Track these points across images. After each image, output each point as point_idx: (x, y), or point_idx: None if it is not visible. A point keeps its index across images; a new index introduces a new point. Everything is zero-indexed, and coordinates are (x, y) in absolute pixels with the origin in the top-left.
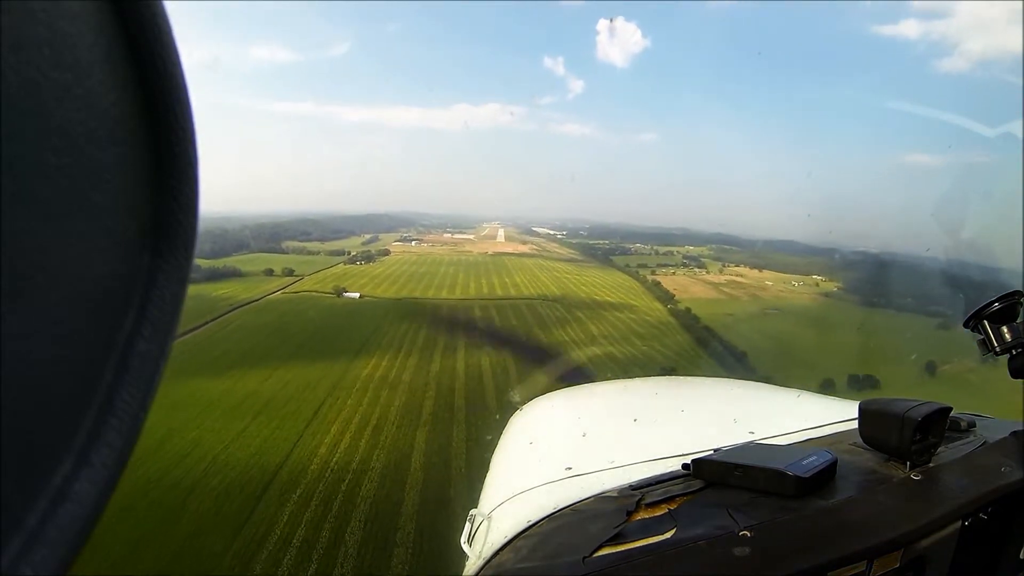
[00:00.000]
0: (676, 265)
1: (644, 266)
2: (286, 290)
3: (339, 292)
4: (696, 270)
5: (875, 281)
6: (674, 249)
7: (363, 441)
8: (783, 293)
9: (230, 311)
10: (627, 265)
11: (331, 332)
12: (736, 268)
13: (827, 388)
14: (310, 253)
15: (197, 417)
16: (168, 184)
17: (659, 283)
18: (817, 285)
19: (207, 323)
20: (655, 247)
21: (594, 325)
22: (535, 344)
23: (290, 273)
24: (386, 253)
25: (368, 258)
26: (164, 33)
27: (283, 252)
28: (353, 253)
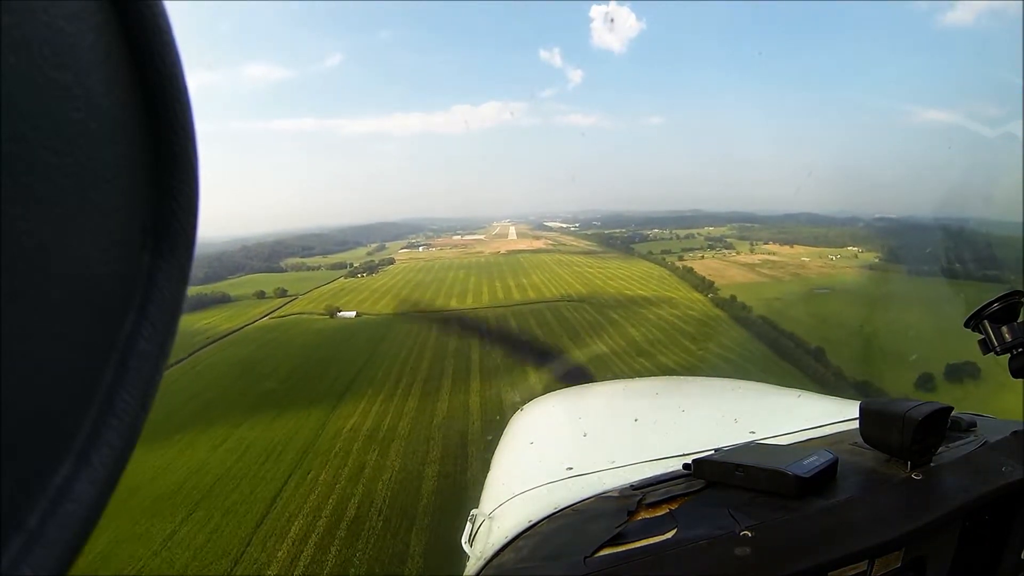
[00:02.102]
0: (701, 248)
1: (668, 252)
2: (274, 314)
3: (332, 312)
4: (724, 251)
5: (913, 248)
6: (694, 231)
7: (332, 551)
8: (824, 269)
9: (203, 347)
10: (650, 252)
11: (314, 367)
12: (765, 246)
13: (926, 384)
14: (310, 269)
15: (115, 514)
16: (168, 184)
17: (692, 269)
18: (856, 257)
19: (170, 367)
20: (675, 231)
21: (634, 328)
22: (567, 361)
23: (283, 293)
24: (390, 262)
25: (371, 269)
26: (164, 33)
27: (282, 271)
28: (356, 265)
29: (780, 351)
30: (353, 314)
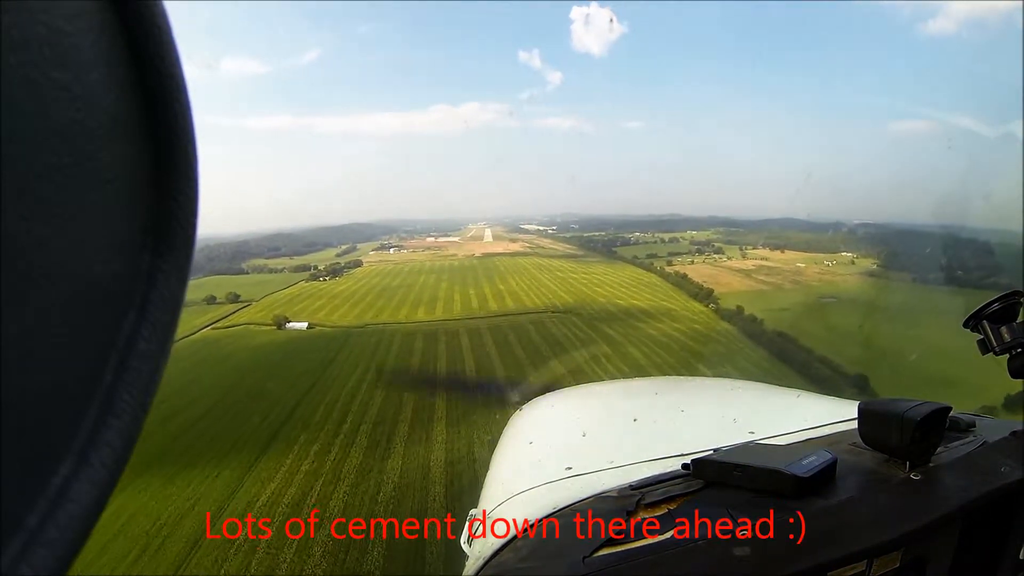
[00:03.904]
0: (689, 253)
1: (654, 256)
2: (218, 324)
3: (281, 323)
4: (715, 256)
5: (909, 253)
6: (678, 236)
7: None
8: (825, 276)
9: None
10: (635, 257)
11: (244, 398)
12: (756, 250)
13: (991, 412)
14: (272, 271)
15: None
16: (168, 184)
17: (685, 276)
18: (853, 263)
19: None
20: (657, 234)
21: (636, 348)
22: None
23: (235, 299)
24: (357, 265)
25: (334, 272)
26: (164, 33)
27: (244, 273)
28: (320, 268)
29: (814, 377)
30: (304, 325)
